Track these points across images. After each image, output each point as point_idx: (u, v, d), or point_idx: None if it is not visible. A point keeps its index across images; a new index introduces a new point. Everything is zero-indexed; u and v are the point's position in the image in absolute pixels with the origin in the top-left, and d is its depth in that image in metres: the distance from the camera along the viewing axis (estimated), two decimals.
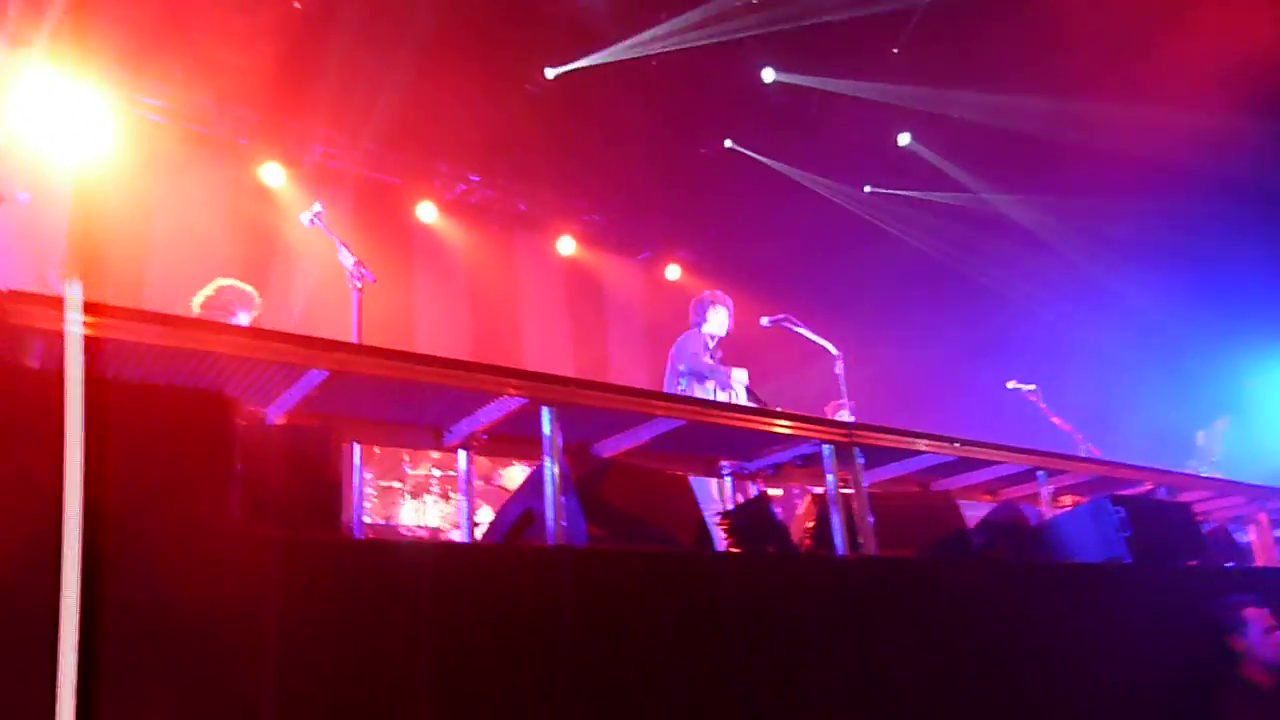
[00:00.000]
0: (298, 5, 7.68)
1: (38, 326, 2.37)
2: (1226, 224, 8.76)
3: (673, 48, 8.37)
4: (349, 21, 7.80)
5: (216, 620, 2.11)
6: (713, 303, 6.22)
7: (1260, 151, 8.40)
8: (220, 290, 5.10)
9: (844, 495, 3.88)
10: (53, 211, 6.55)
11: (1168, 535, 4.51)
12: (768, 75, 9.18)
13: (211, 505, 2.20)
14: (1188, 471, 7.04)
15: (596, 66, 8.68)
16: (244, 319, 5.06)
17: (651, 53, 8.44)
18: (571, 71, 8.74)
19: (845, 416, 6.20)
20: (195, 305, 5.06)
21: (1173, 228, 9.08)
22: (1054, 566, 4.31)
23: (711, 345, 6.14)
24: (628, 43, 8.43)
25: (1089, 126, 8.81)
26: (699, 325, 6.22)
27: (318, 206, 4.51)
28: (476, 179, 9.71)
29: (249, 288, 5.18)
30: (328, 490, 2.85)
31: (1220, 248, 8.86)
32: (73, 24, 6.70)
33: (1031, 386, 6.97)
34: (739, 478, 4.49)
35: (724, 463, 4.44)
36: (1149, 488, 5.33)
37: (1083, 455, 6.09)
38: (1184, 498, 5.52)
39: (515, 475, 6.99)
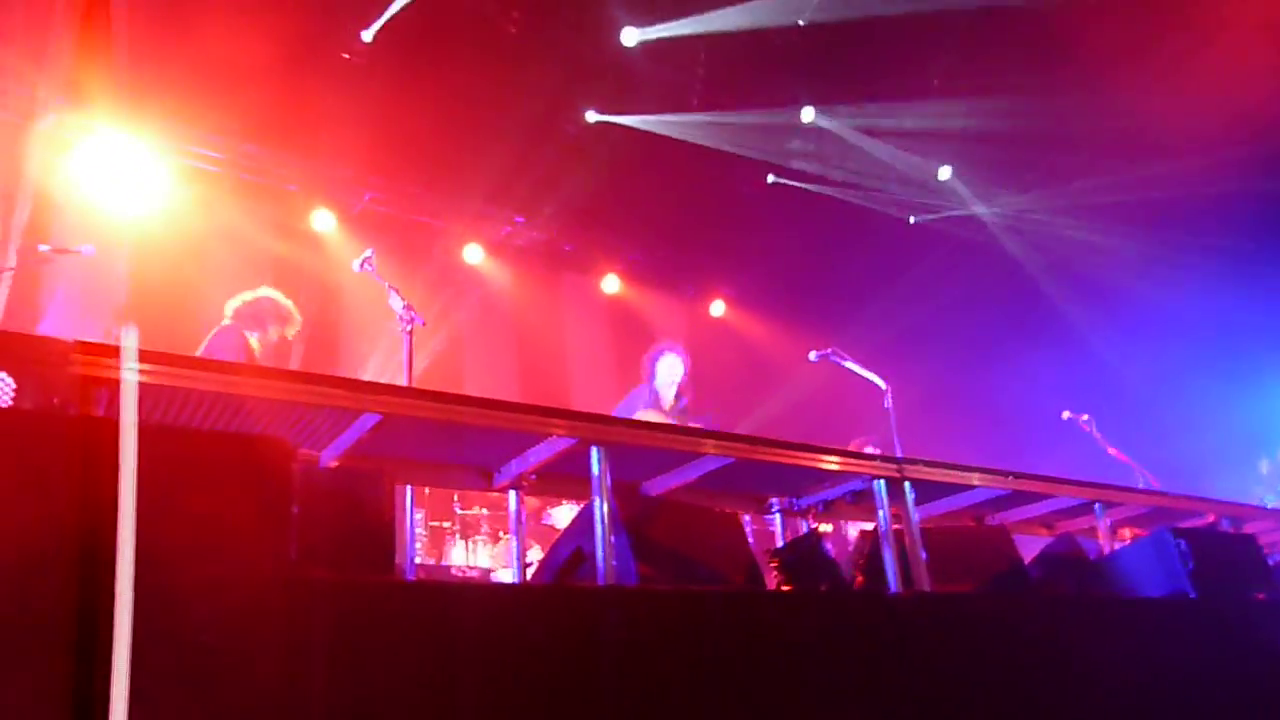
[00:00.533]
0: (346, 56, 7.89)
1: (101, 376, 2.44)
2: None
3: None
4: (394, 69, 8.00)
5: (266, 660, 2.14)
6: (658, 354, 6.05)
7: None
8: (258, 300, 5.19)
9: (896, 531, 3.84)
10: (115, 263, 6.76)
11: (1232, 568, 4.39)
12: (807, 115, 9.24)
13: (268, 550, 2.24)
14: (1251, 502, 6.84)
15: (640, 103, 8.81)
16: (273, 332, 5.16)
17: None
18: (615, 111, 8.89)
19: (871, 451, 6.11)
20: (228, 309, 5.19)
21: (1230, 246, 8.93)
22: (1115, 601, 4.21)
23: (669, 396, 5.96)
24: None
25: (1138, 145, 8.72)
26: (650, 380, 6.04)
27: (368, 252, 4.60)
28: (521, 220, 9.84)
29: (288, 303, 5.28)
30: (381, 533, 2.88)
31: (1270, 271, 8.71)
32: (126, 79, 6.99)
33: (1085, 416, 6.84)
34: (789, 515, 4.45)
35: (773, 500, 4.41)
36: (1211, 519, 5.19)
37: (1141, 486, 5.96)
38: (1248, 529, 5.37)
39: (564, 514, 7.00)
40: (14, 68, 7.11)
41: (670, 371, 5.98)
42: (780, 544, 4.35)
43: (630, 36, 8.37)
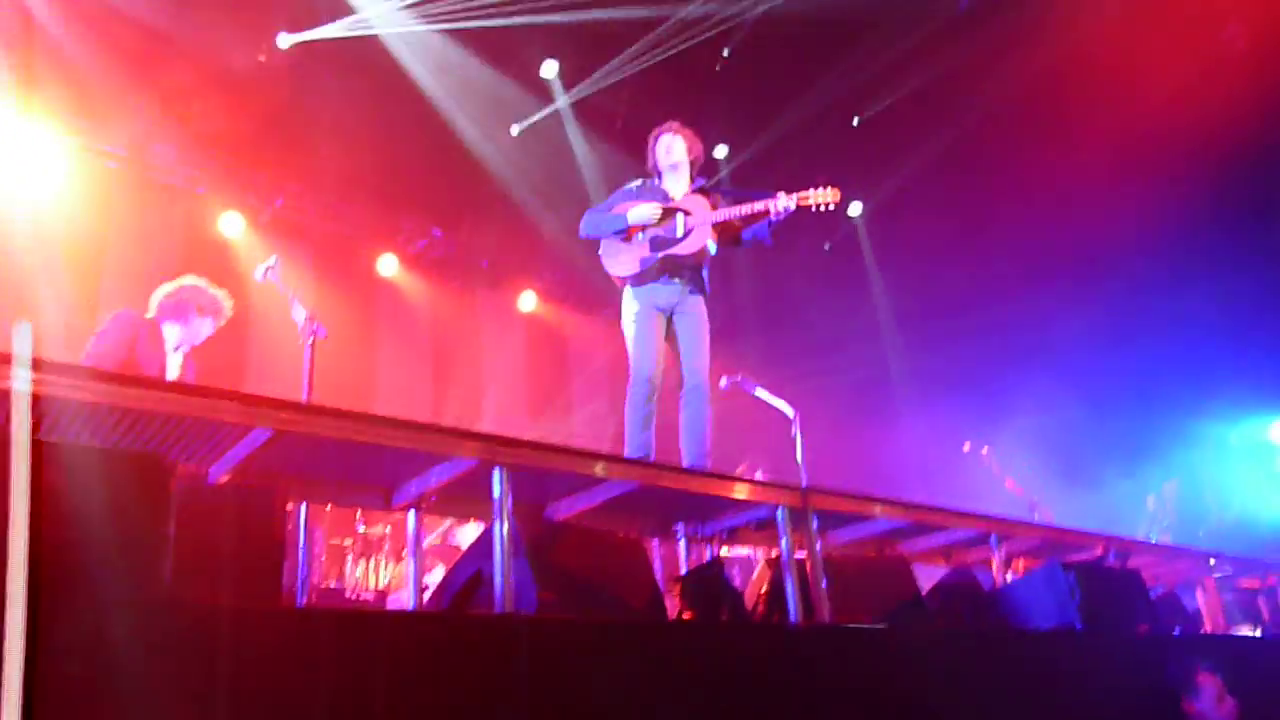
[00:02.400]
0: (262, 59, 7.70)
1: None
2: (1173, 292, 9.00)
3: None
4: (313, 74, 7.85)
5: (150, 690, 2.04)
6: (655, 138, 5.02)
7: (1204, 225, 8.67)
8: (182, 289, 4.89)
9: (798, 560, 3.86)
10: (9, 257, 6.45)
11: (1118, 601, 4.54)
12: (720, 152, 9.38)
13: (144, 571, 2.14)
14: (1137, 537, 7.11)
15: (560, 121, 8.82)
16: (203, 325, 4.89)
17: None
18: (535, 125, 8.86)
19: (760, 476, 6.11)
20: (153, 301, 4.90)
21: (1120, 295, 9.30)
22: (1007, 634, 4.30)
23: (681, 181, 4.95)
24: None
25: (1035, 196, 9.06)
26: (652, 165, 5.02)
27: (272, 260, 4.46)
28: (439, 233, 9.71)
29: (218, 292, 4.99)
30: (270, 552, 2.77)
31: (1169, 315, 9.09)
32: (26, 62, 6.70)
33: (985, 449, 7.03)
34: (694, 541, 4.45)
35: (679, 525, 4.40)
36: (1100, 552, 5.37)
37: (1035, 519, 6.14)
38: (1134, 563, 5.56)
39: (471, 533, 6.89)
40: None
41: (668, 154, 4.94)
42: (684, 571, 4.34)
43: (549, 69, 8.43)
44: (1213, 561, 5.77)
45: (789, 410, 5.39)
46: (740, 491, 3.84)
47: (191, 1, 6.96)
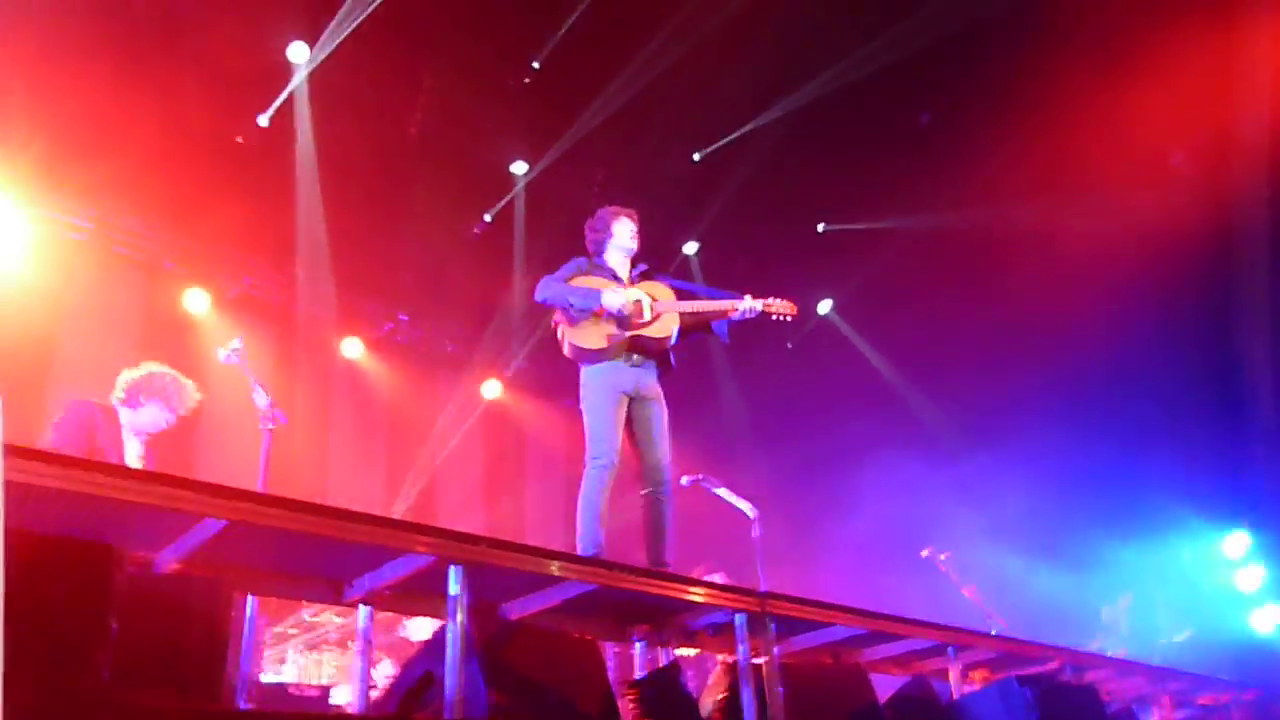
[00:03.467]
0: (240, 140, 7.77)
1: None
2: (1124, 404, 9.19)
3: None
4: (286, 156, 7.92)
5: None
6: (613, 215, 5.03)
7: (1155, 339, 8.92)
8: (150, 376, 4.78)
9: (755, 666, 3.81)
10: None
11: (1075, 717, 4.50)
12: (690, 248, 9.57)
13: (82, 667, 2.06)
14: (1092, 650, 7.10)
15: (532, 210, 8.95)
16: (166, 414, 4.78)
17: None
18: (503, 212, 8.99)
19: (719, 580, 6.05)
20: (119, 384, 4.80)
21: (1076, 402, 9.46)
22: None
23: (626, 265, 4.99)
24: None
25: (994, 300, 9.27)
26: (601, 244, 5.00)
27: (236, 343, 4.43)
28: (405, 318, 9.72)
29: (187, 382, 4.89)
30: (214, 647, 2.68)
31: (1121, 425, 9.26)
32: None
33: (944, 555, 7.03)
34: (651, 644, 4.37)
35: (635, 628, 4.33)
36: (1056, 665, 5.35)
37: (992, 629, 6.12)
38: (1090, 676, 5.55)
39: (419, 627, 6.71)
40: None
41: (631, 238, 4.97)
42: (640, 674, 4.25)
43: (519, 168, 8.61)
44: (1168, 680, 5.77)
45: (750, 510, 5.39)
46: (699, 596, 3.80)
47: (167, 74, 6.98)
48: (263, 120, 7.71)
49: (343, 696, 5.90)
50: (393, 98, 8.02)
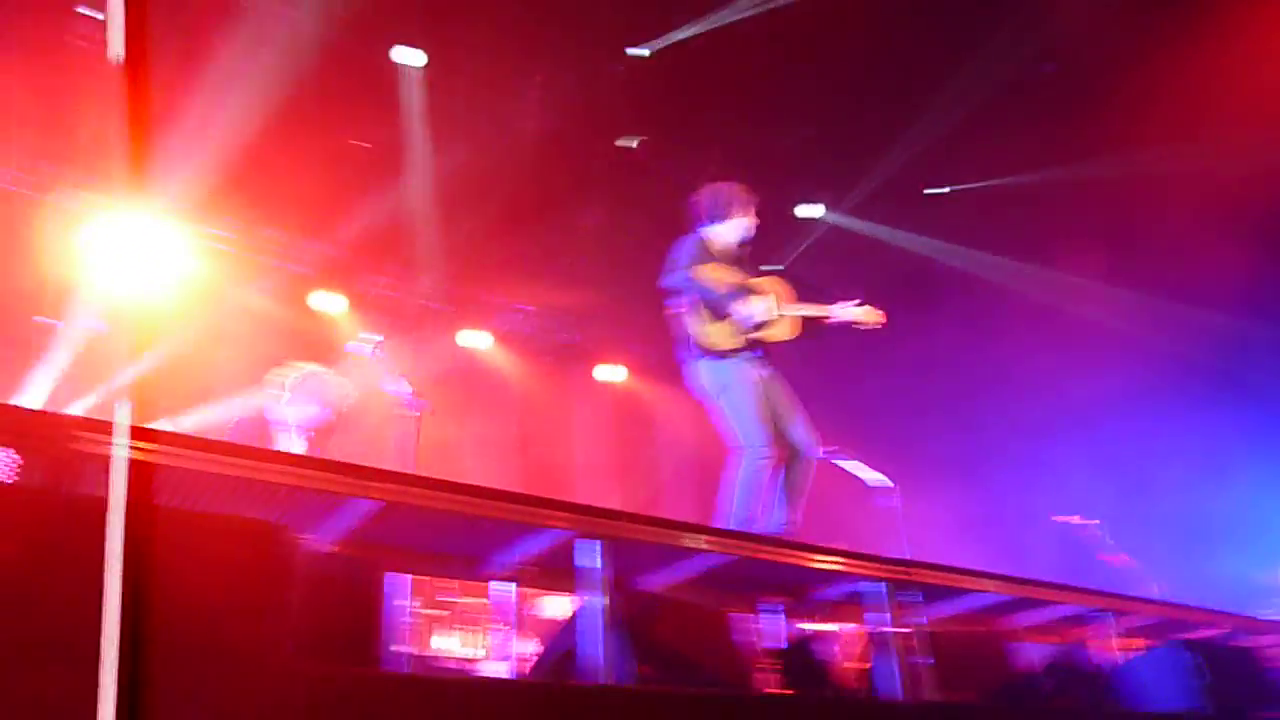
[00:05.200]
0: (368, 146, 8.07)
1: (102, 453, 2.41)
2: None
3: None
4: (410, 160, 8.18)
5: None
6: (734, 198, 4.96)
7: None
8: (307, 376, 5.01)
9: (899, 635, 3.75)
10: (121, 339, 6.79)
11: (1246, 683, 4.27)
12: (816, 212, 9.38)
13: (262, 639, 2.19)
14: (1266, 615, 6.69)
15: (649, 198, 8.94)
16: (325, 411, 5.01)
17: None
18: (620, 203, 9.03)
19: None
20: (281, 385, 5.05)
21: (1251, 359, 8.92)
22: (1130, 716, 4.08)
23: (725, 251, 4.93)
24: None
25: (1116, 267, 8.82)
26: (716, 222, 4.93)
27: (378, 338, 4.62)
28: (530, 309, 9.93)
29: (342, 380, 5.11)
30: (369, 622, 2.82)
31: None
32: (141, 156, 7.13)
33: (1096, 521, 6.75)
34: (790, 616, 4.36)
35: (776, 599, 4.32)
36: (1224, 631, 5.07)
37: (1151, 594, 5.85)
38: (1263, 642, 5.23)
39: (555, 605, 6.86)
40: (26, 141, 7.28)
41: (750, 223, 4.98)
42: (781, 646, 4.24)
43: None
44: None
45: (887, 482, 5.30)
46: (839, 564, 3.76)
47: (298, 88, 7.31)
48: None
49: (491, 671, 6.09)
50: (504, 96, 8.18)
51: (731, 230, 4.96)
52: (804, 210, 9.56)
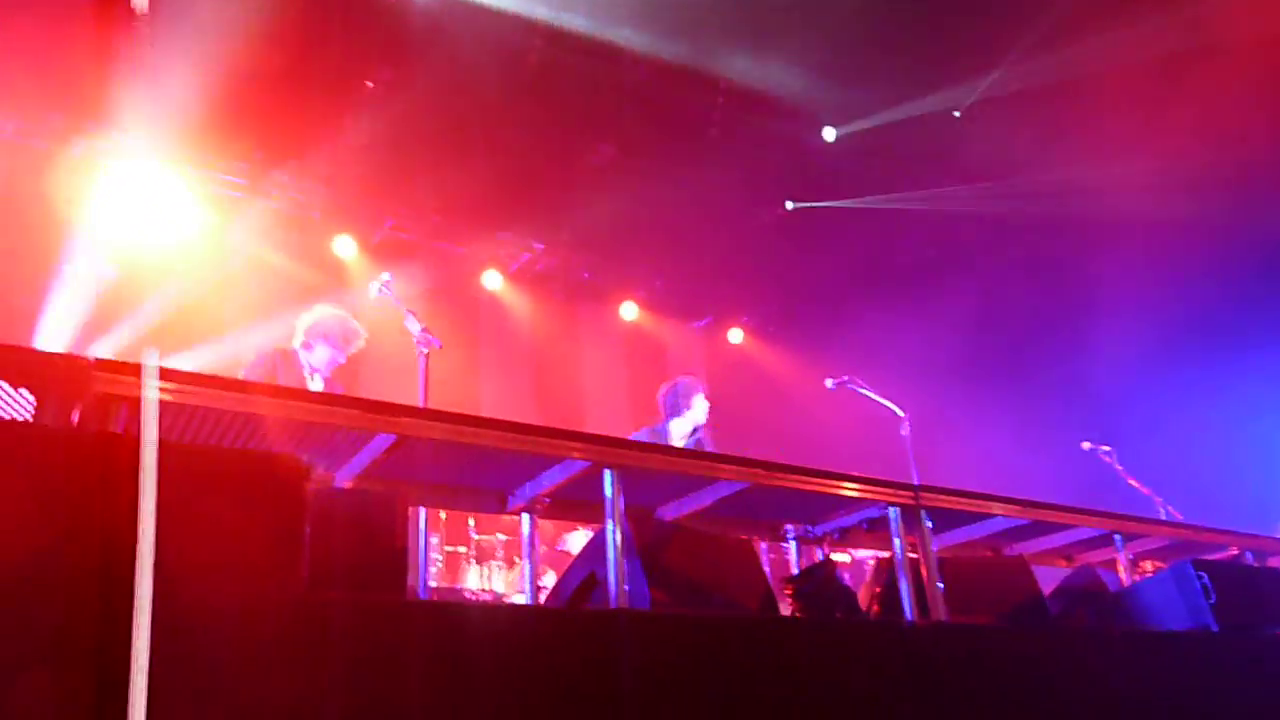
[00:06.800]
0: (370, 84, 8.00)
1: (120, 394, 2.46)
2: None
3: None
4: (417, 98, 8.09)
5: (281, 681, 2.14)
6: (692, 390, 5.72)
7: None
8: (322, 319, 5.06)
9: (912, 559, 3.80)
10: (139, 285, 6.84)
11: (1256, 602, 4.32)
12: (829, 134, 9.24)
13: (280, 568, 2.25)
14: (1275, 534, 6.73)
15: (658, 132, 8.84)
16: (340, 353, 5.07)
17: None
18: (633, 139, 8.93)
19: None
20: (298, 327, 5.12)
21: (1257, 291, 8.85)
22: (1137, 635, 4.14)
23: (686, 434, 5.64)
24: None
25: (1163, 188, 8.67)
26: (675, 415, 5.68)
27: (386, 276, 4.63)
28: (540, 247, 9.91)
29: (355, 322, 5.15)
30: (393, 555, 2.88)
31: None
32: (154, 106, 7.11)
33: (1106, 448, 6.76)
34: (804, 542, 4.42)
35: (788, 526, 4.38)
36: (1234, 552, 5.12)
37: (1163, 519, 5.89)
38: (1274, 563, 5.28)
39: (579, 540, 6.98)
40: (44, 95, 7.25)
41: (702, 411, 5.69)
42: (795, 572, 4.32)
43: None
44: None
45: (898, 410, 5.32)
46: (851, 490, 3.80)
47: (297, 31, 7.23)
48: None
49: (510, 600, 6.21)
50: (508, 29, 8.05)
51: (687, 423, 5.65)
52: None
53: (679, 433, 5.63)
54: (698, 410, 5.66)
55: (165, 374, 2.48)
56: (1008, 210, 9.69)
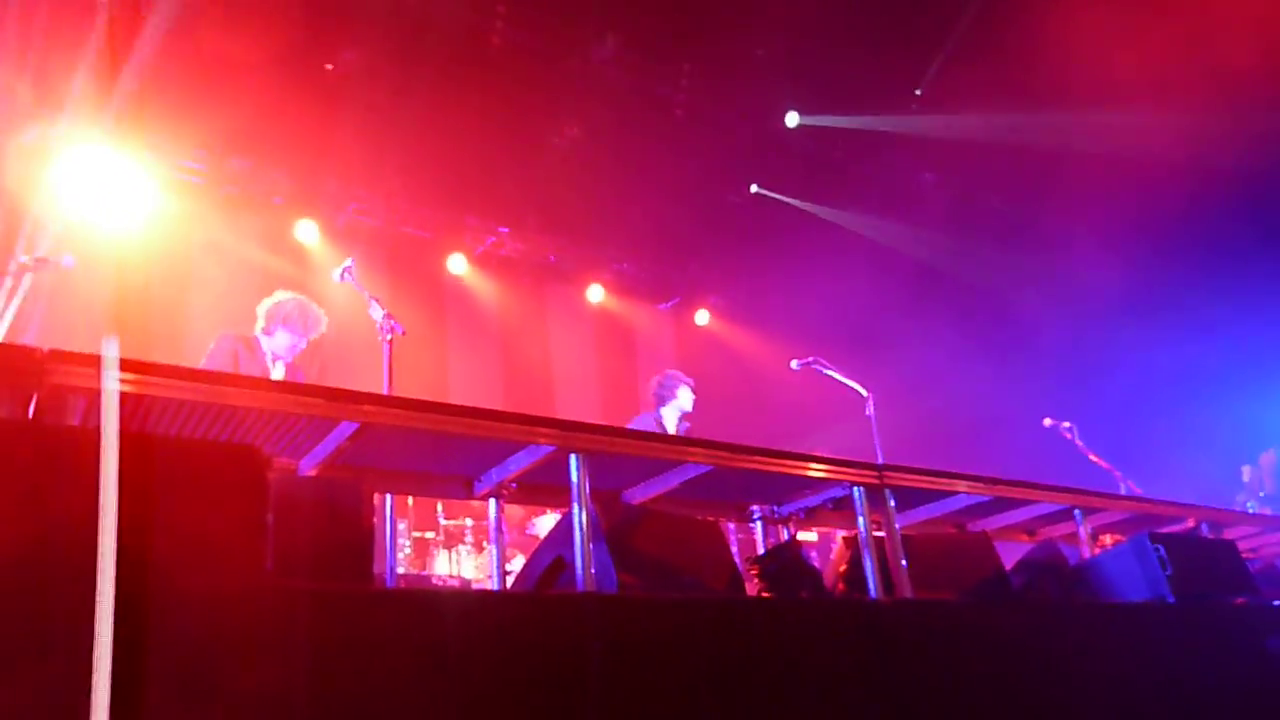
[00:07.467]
0: (329, 67, 7.89)
1: (77, 385, 2.43)
2: (1268, 260, 8.69)
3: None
4: (379, 81, 8.00)
5: (247, 671, 2.13)
6: (677, 383, 6.26)
7: None
8: (281, 304, 5.05)
9: (876, 538, 3.84)
10: (95, 275, 6.73)
11: (1212, 573, 4.42)
12: (791, 119, 9.26)
13: (244, 558, 2.23)
14: (1233, 508, 6.88)
15: (622, 114, 8.81)
16: (301, 338, 5.05)
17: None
18: (598, 121, 8.89)
19: None
20: (259, 313, 5.09)
21: (1214, 262, 8.99)
22: (1096, 607, 4.22)
23: (674, 424, 6.15)
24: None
25: (1120, 163, 8.77)
26: (663, 405, 6.21)
27: (348, 261, 4.60)
28: (505, 231, 9.85)
29: (315, 306, 5.13)
30: (359, 542, 2.87)
31: (1261, 283, 8.78)
32: (112, 91, 6.98)
33: (1067, 424, 6.86)
34: (770, 522, 4.46)
35: (754, 507, 4.42)
36: (1191, 524, 5.22)
37: (1122, 493, 5.99)
38: (1228, 534, 5.40)
39: (548, 524, 6.99)
40: None
41: (688, 399, 6.22)
42: (761, 552, 4.35)
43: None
44: None
45: (862, 390, 5.37)
46: (816, 470, 3.83)
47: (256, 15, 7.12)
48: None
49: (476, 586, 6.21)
50: (472, 10, 7.98)
51: (674, 410, 6.16)
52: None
53: (671, 419, 6.16)
54: (683, 399, 6.21)
55: (125, 364, 2.45)
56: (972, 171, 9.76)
